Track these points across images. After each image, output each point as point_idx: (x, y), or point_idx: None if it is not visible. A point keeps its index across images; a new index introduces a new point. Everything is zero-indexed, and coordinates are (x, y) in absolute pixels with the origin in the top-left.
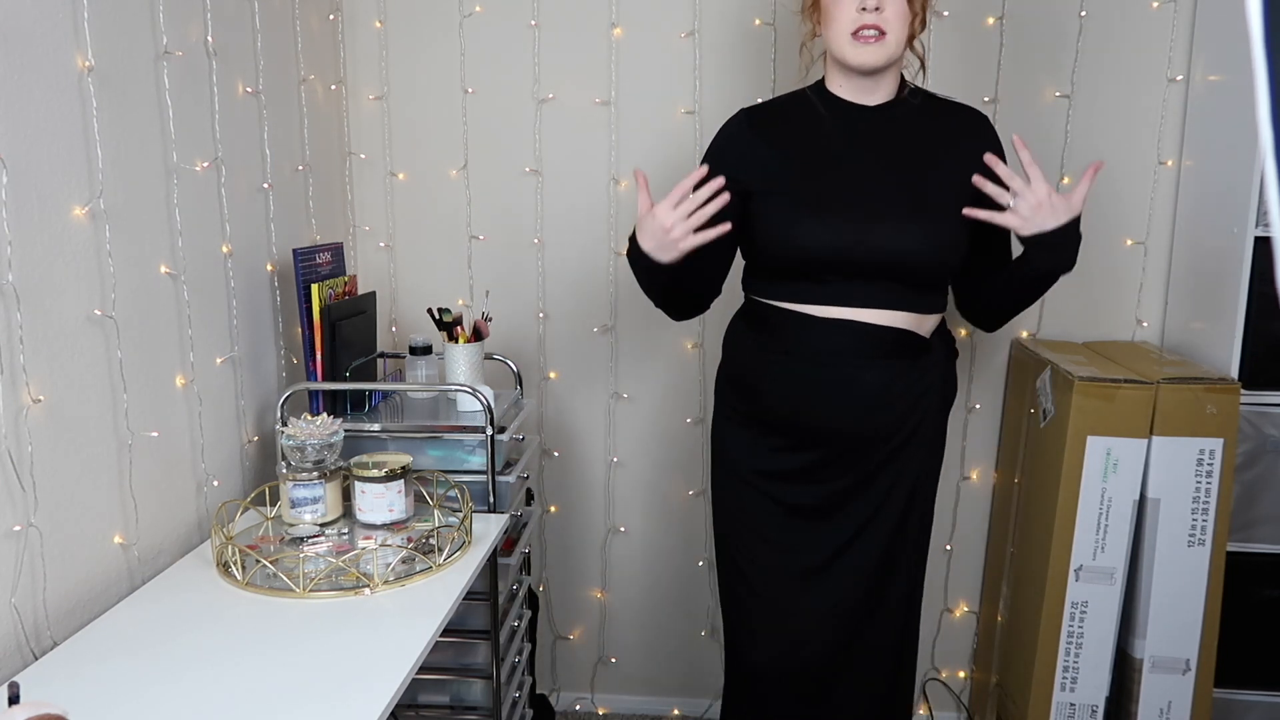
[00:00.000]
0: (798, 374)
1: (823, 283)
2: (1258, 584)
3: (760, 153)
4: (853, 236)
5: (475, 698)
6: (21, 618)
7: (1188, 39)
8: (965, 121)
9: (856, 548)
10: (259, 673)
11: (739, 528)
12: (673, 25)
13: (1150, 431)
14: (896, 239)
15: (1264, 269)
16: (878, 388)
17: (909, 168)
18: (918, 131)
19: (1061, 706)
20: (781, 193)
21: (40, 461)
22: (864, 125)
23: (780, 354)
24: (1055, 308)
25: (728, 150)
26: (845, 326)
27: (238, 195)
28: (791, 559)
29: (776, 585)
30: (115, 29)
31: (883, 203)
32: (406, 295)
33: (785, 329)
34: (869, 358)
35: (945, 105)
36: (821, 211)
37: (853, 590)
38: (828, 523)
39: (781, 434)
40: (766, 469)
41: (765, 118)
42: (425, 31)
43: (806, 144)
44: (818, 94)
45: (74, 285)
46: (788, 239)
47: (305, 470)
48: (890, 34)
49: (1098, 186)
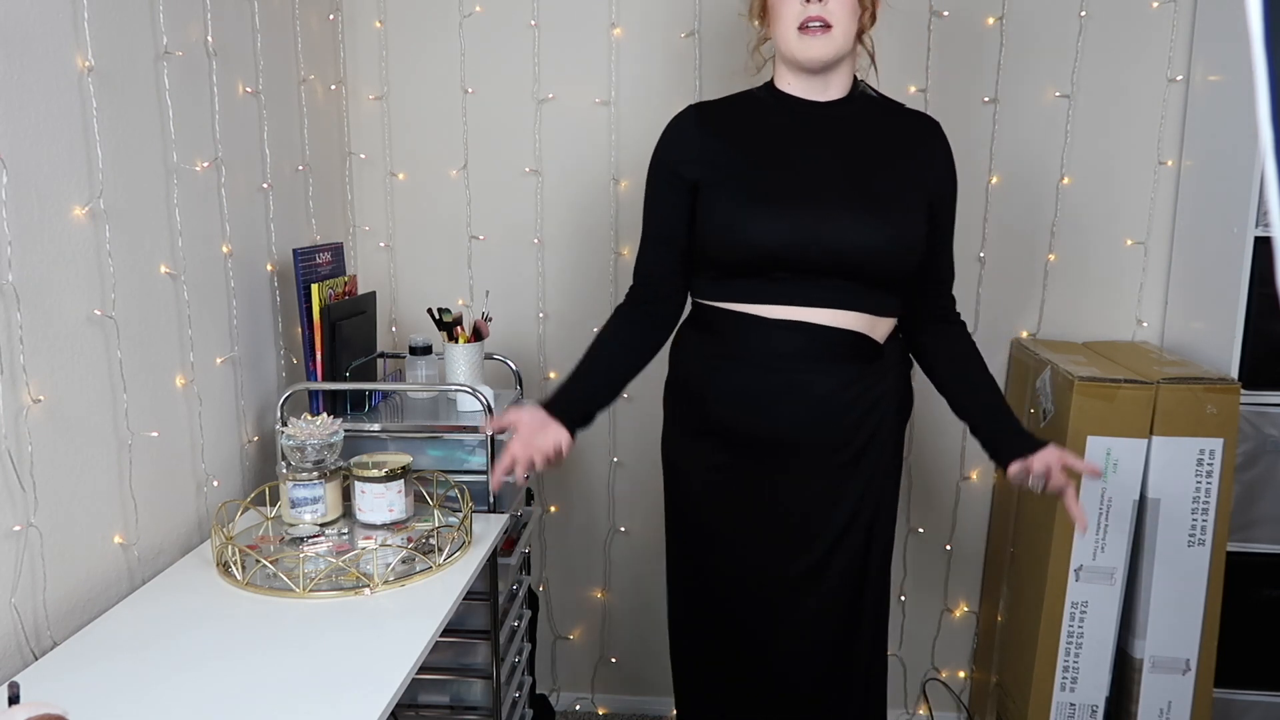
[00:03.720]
0: (745, 379)
1: (774, 280)
2: (1258, 584)
3: (710, 146)
4: (806, 230)
5: (475, 698)
6: (21, 618)
7: (1188, 39)
8: (919, 126)
9: (818, 564)
10: (259, 673)
11: (694, 546)
12: (673, 25)
13: (1150, 431)
14: (851, 233)
15: (1264, 269)
16: (828, 393)
17: (863, 164)
18: (871, 129)
19: (1061, 706)
20: (732, 186)
21: (40, 461)
22: (816, 120)
23: (727, 359)
24: (1055, 308)
25: (676, 144)
26: (796, 328)
27: (238, 195)
28: (751, 577)
29: (736, 604)
30: (115, 29)
31: (836, 196)
32: (406, 295)
33: (733, 332)
34: (820, 361)
35: (898, 108)
36: (773, 204)
37: (816, 607)
38: (787, 540)
39: (732, 446)
40: (719, 483)
41: (715, 112)
42: (425, 31)
43: (758, 138)
44: (768, 92)
45: (74, 285)
46: (738, 232)
47: (305, 470)
48: (837, 27)
49: (1098, 186)
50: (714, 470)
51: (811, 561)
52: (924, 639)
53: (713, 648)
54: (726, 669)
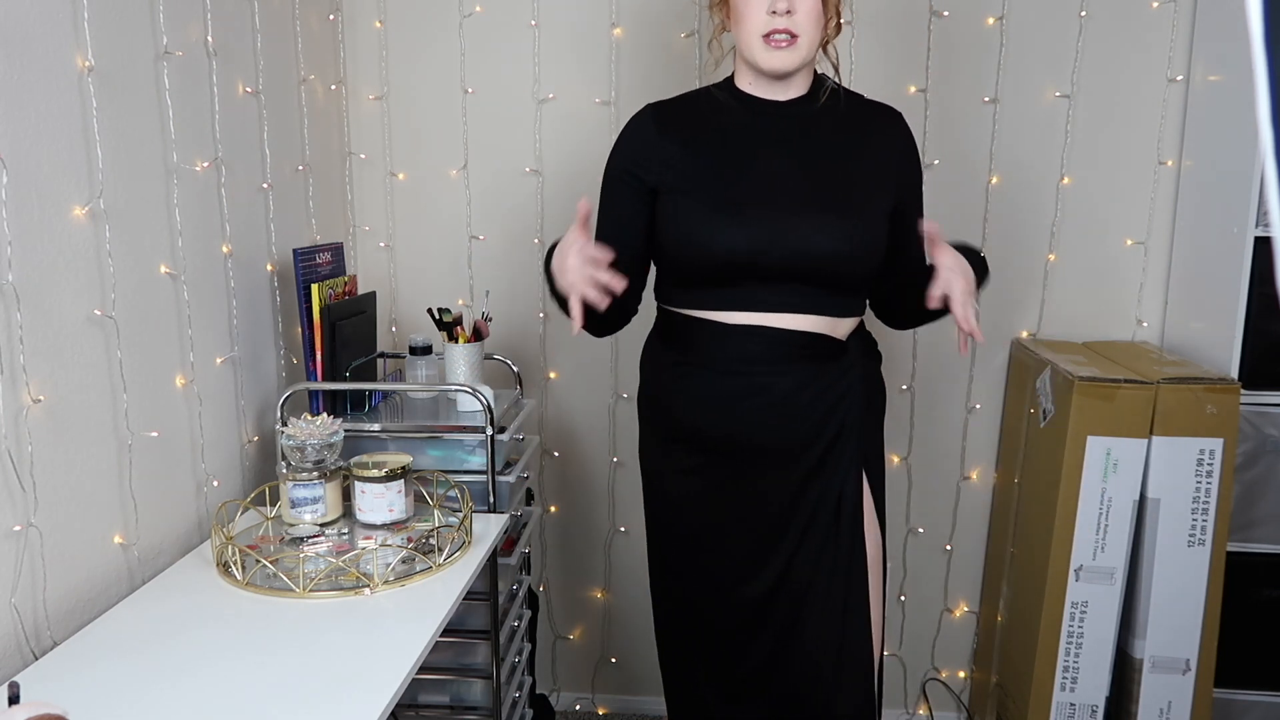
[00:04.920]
0: (707, 384)
1: (735, 286)
2: (1258, 584)
3: (668, 150)
4: (765, 238)
5: (475, 698)
6: (21, 618)
7: (1188, 39)
8: (879, 118)
9: (790, 563)
10: (259, 673)
11: (672, 550)
12: (673, 25)
13: (1150, 431)
14: (811, 239)
15: (1264, 269)
16: (789, 393)
17: (823, 164)
18: (832, 127)
19: (1061, 706)
20: (690, 192)
21: (40, 461)
22: (776, 121)
23: (690, 366)
24: (1055, 308)
25: (636, 146)
26: (756, 332)
27: (238, 195)
28: (728, 579)
29: (714, 607)
30: (115, 29)
31: (796, 201)
32: (406, 295)
33: (694, 339)
34: (780, 363)
35: (859, 101)
36: (732, 212)
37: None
38: (760, 541)
39: (702, 450)
40: (691, 488)
41: (673, 113)
42: (425, 31)
43: (716, 141)
44: (727, 91)
45: (74, 285)
46: (697, 241)
47: (305, 470)
48: (803, 37)
49: (1098, 186)
50: (686, 475)
51: (783, 561)
52: (924, 639)
53: (696, 650)
54: (710, 672)
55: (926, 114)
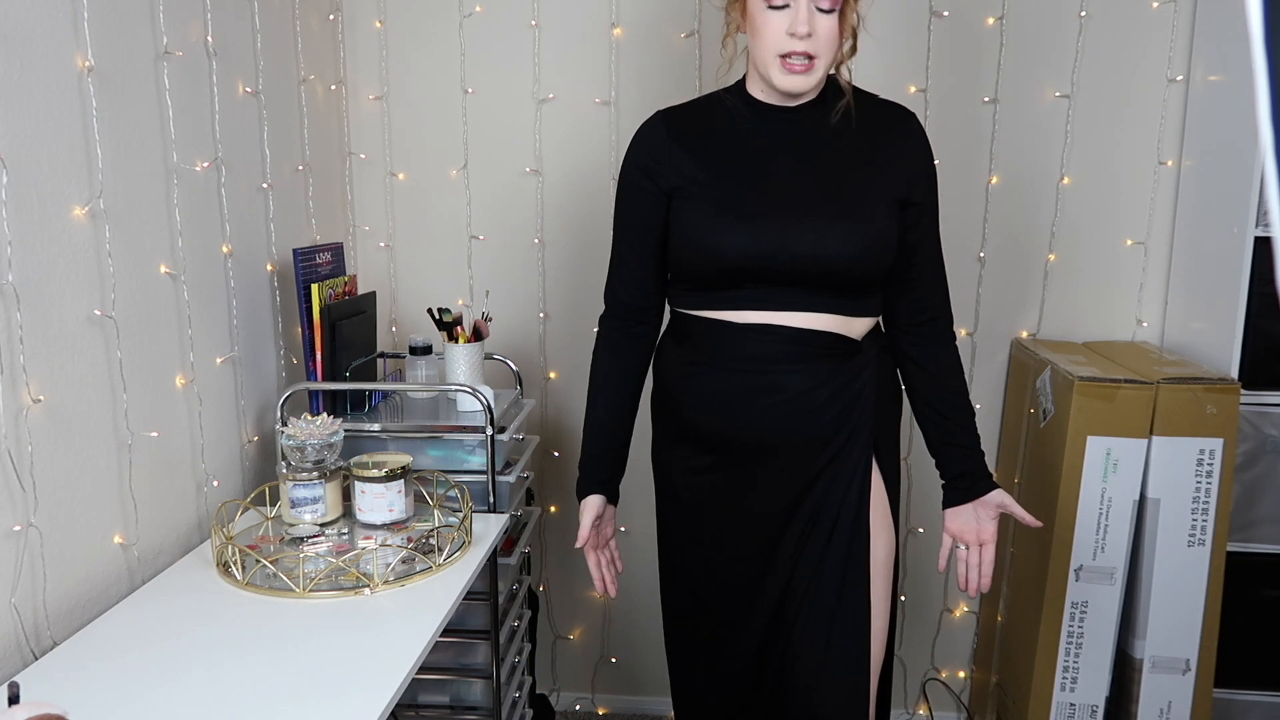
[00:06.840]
0: (718, 383)
1: (744, 289)
2: (1258, 584)
3: (679, 156)
4: (775, 242)
5: (475, 698)
6: (21, 618)
7: (1188, 39)
8: (891, 119)
9: (797, 562)
10: (259, 673)
11: (682, 548)
12: (673, 25)
13: (1150, 431)
14: (822, 243)
15: (1264, 269)
16: (802, 391)
17: (833, 169)
18: (843, 129)
19: (1061, 706)
20: (702, 197)
21: (40, 461)
22: (786, 126)
23: (701, 365)
24: (1055, 308)
25: (648, 152)
26: (769, 331)
27: (238, 195)
28: (736, 578)
29: (723, 605)
30: (115, 29)
31: (807, 206)
32: (406, 295)
33: (706, 339)
34: (792, 361)
35: (871, 102)
36: (742, 217)
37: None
38: (768, 540)
39: (712, 450)
40: (701, 486)
41: (684, 119)
42: (425, 31)
43: (727, 146)
44: (737, 96)
45: (74, 285)
46: (708, 246)
47: (305, 470)
48: (820, 59)
49: (1098, 186)
50: (696, 474)
51: (790, 562)
52: (924, 639)
53: (703, 649)
54: (717, 671)
55: (926, 114)
